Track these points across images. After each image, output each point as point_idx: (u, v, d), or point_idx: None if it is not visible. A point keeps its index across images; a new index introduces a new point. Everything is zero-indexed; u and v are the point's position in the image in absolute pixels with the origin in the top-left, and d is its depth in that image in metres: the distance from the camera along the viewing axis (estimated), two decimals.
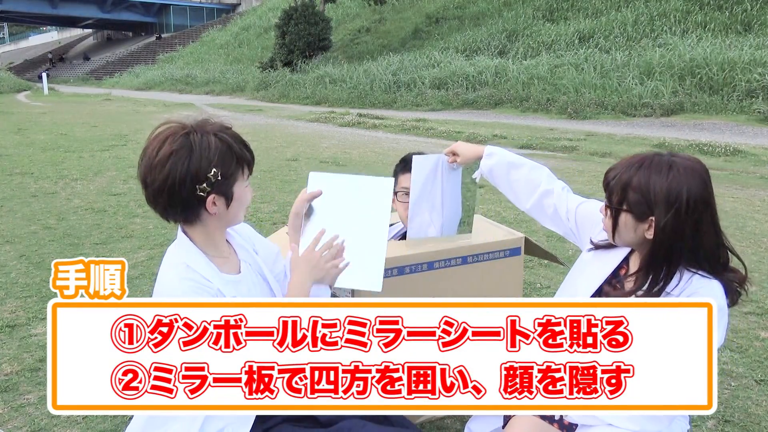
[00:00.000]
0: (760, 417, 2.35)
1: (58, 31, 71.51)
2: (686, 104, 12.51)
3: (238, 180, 1.46)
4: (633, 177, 1.44)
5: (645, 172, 1.43)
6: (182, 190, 1.39)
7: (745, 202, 5.89)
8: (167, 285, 1.44)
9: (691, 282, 1.46)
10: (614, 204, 1.47)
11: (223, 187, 1.43)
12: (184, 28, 51.82)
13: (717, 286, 1.46)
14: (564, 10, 20.32)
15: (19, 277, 3.92)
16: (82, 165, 8.27)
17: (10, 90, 30.37)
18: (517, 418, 1.65)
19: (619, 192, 1.46)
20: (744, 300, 3.51)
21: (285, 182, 7.08)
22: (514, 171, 1.94)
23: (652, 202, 1.42)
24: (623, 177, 1.46)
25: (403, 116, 14.57)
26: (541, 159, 8.73)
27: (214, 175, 1.39)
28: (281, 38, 24.92)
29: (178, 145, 1.39)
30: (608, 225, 1.51)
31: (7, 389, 2.56)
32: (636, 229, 1.47)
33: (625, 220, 1.47)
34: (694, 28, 15.87)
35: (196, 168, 1.39)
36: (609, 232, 1.53)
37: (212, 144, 1.41)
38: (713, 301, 1.43)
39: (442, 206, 2.18)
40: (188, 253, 1.48)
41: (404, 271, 2.13)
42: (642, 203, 1.43)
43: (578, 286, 1.66)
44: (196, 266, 1.45)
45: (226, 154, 1.42)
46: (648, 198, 1.42)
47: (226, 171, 1.42)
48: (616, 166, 1.51)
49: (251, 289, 1.57)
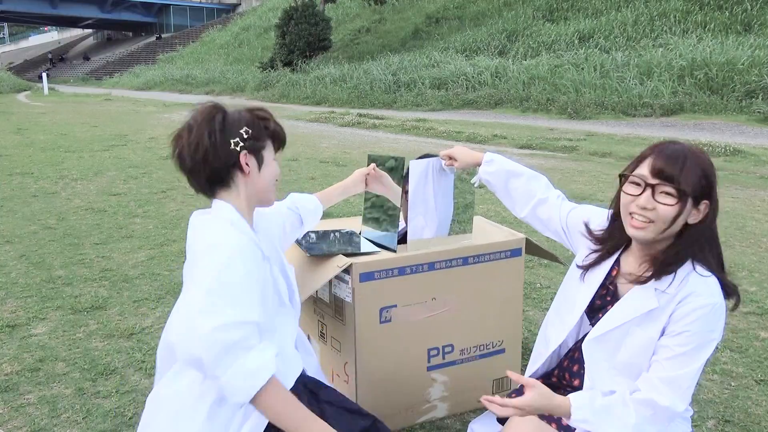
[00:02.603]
0: (760, 417, 2.35)
1: (58, 31, 71.51)
2: (686, 104, 12.51)
3: (266, 147, 1.57)
4: (700, 162, 1.44)
5: (698, 156, 1.45)
6: (218, 149, 1.49)
7: (745, 202, 5.89)
8: (221, 234, 1.47)
9: (688, 281, 1.46)
10: (690, 191, 1.43)
11: (254, 146, 1.53)
12: (184, 28, 51.84)
13: (714, 283, 1.46)
14: (564, 10, 20.32)
15: (19, 277, 3.92)
16: (82, 165, 8.27)
17: (10, 90, 30.38)
18: (515, 417, 1.65)
19: (695, 179, 1.43)
20: (744, 300, 3.52)
21: (285, 182, 7.07)
22: (513, 179, 1.94)
23: (711, 186, 1.45)
24: (697, 164, 1.44)
25: (403, 116, 14.57)
26: (541, 159, 8.76)
27: (246, 131, 1.51)
28: (281, 38, 24.92)
29: (211, 114, 1.51)
30: (670, 213, 1.43)
31: (7, 389, 2.56)
32: (689, 216, 1.46)
33: (689, 208, 1.45)
34: (694, 28, 15.88)
35: (230, 127, 1.51)
36: (666, 222, 1.45)
37: (242, 114, 1.55)
38: (712, 299, 1.44)
39: (435, 208, 2.19)
40: (231, 212, 1.53)
41: (405, 271, 2.14)
42: (706, 187, 1.44)
43: (576, 300, 1.67)
44: (239, 225, 1.51)
45: (254, 121, 1.55)
46: (711, 182, 1.45)
47: (257, 133, 1.54)
48: (660, 151, 1.47)
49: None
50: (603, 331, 1.56)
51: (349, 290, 2.08)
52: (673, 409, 1.44)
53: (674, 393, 1.44)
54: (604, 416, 1.44)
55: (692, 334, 1.43)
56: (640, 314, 1.50)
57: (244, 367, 1.34)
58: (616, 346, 1.54)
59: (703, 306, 1.43)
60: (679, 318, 1.45)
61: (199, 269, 1.41)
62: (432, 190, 2.16)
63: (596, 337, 1.57)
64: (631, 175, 1.49)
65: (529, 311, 3.31)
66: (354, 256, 2.09)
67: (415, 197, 2.13)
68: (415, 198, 2.14)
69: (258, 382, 1.34)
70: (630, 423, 1.44)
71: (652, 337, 1.49)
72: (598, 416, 1.44)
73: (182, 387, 1.49)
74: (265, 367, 1.36)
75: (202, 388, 1.45)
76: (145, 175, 7.47)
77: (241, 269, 1.40)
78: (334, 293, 2.19)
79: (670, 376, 1.44)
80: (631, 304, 1.53)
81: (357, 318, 2.09)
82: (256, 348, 1.37)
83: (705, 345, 1.44)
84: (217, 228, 1.49)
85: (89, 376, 2.67)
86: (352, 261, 2.04)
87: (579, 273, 1.68)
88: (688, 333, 1.43)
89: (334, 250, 2.13)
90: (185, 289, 1.47)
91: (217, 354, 1.33)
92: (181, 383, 1.49)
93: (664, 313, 1.47)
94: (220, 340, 1.33)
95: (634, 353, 1.51)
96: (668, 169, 1.43)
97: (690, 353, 1.43)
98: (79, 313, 3.36)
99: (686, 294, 1.45)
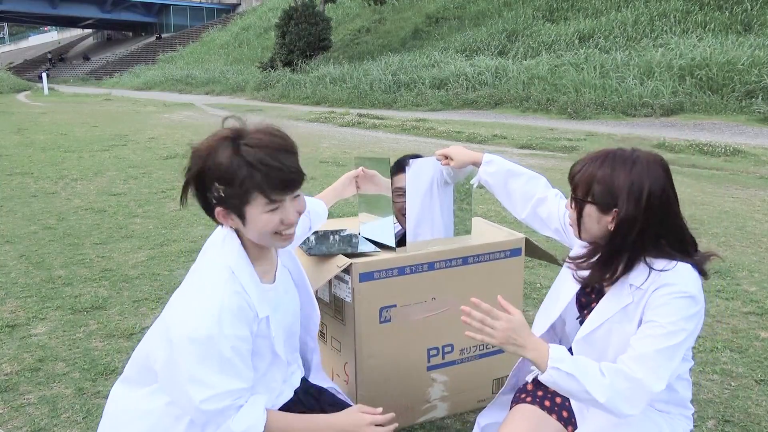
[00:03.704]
0: (760, 417, 2.35)
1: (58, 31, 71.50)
2: (686, 104, 12.51)
3: (251, 203, 1.34)
4: (598, 170, 1.49)
5: (609, 165, 1.48)
6: (198, 192, 1.38)
7: (745, 202, 5.89)
8: (212, 288, 1.37)
9: (660, 275, 1.47)
10: (579, 197, 1.52)
11: (230, 204, 1.36)
12: (184, 28, 51.82)
13: (685, 269, 1.47)
14: (564, 10, 20.32)
15: (19, 277, 3.92)
16: (82, 165, 8.27)
17: (10, 90, 30.37)
18: (518, 407, 1.66)
19: (584, 185, 1.51)
20: (744, 300, 3.52)
21: None
22: (512, 180, 1.95)
23: (616, 194, 1.46)
24: (589, 170, 1.51)
25: (403, 116, 14.56)
26: (541, 159, 8.76)
27: (216, 190, 1.34)
28: (281, 38, 24.92)
29: (209, 149, 1.34)
30: (574, 218, 1.55)
31: (7, 389, 2.56)
32: (599, 221, 1.50)
33: (590, 212, 1.51)
34: (694, 28, 15.87)
35: (210, 173, 1.34)
36: (574, 225, 1.57)
37: (225, 160, 1.32)
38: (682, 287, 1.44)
39: (441, 216, 2.19)
40: (235, 255, 1.42)
41: (405, 271, 2.14)
42: (606, 195, 1.47)
43: (561, 293, 1.73)
44: (239, 274, 1.41)
45: (236, 173, 1.31)
46: (612, 190, 1.47)
47: (232, 192, 1.33)
48: (582, 160, 1.56)
49: (278, 301, 1.55)
50: (589, 330, 1.57)
51: (349, 290, 2.08)
52: (647, 384, 1.39)
53: (645, 367, 1.39)
54: (579, 364, 1.40)
55: (659, 323, 1.43)
56: (617, 311, 1.52)
57: (232, 430, 1.37)
58: (604, 344, 1.55)
59: (671, 294, 1.44)
60: (650, 308, 1.46)
61: (187, 324, 1.34)
62: (433, 193, 2.16)
63: (584, 337, 1.59)
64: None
65: (529, 311, 3.31)
66: (354, 256, 2.09)
67: (413, 200, 2.12)
68: (414, 201, 2.12)
69: None
70: (603, 383, 1.39)
71: (630, 332, 1.49)
72: (575, 363, 1.40)
73: (159, 406, 1.45)
74: (254, 427, 1.38)
75: (179, 412, 1.43)
76: (145, 175, 7.47)
77: (231, 336, 1.35)
78: (334, 293, 2.19)
79: (639, 353, 1.41)
80: (610, 301, 1.55)
81: (357, 318, 2.09)
82: (245, 407, 1.39)
83: (675, 333, 1.41)
84: (215, 276, 1.39)
85: (89, 376, 2.67)
86: (351, 261, 2.05)
87: (568, 267, 1.70)
88: (655, 322, 1.43)
89: (334, 251, 2.13)
90: (171, 305, 1.45)
91: (206, 420, 1.37)
92: (158, 402, 1.45)
93: (638, 308, 1.49)
94: (210, 411, 1.35)
95: (620, 351, 1.51)
96: (571, 173, 1.55)
97: (658, 337, 1.42)
98: (79, 313, 3.36)
99: (657, 286, 1.46)
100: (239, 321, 1.37)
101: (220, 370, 1.34)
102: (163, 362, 1.39)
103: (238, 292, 1.38)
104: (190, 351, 1.32)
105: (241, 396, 1.38)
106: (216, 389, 1.33)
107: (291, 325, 1.62)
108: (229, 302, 1.35)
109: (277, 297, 1.54)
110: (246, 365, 1.39)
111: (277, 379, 1.55)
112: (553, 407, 1.64)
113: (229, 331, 1.34)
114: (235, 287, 1.38)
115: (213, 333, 1.32)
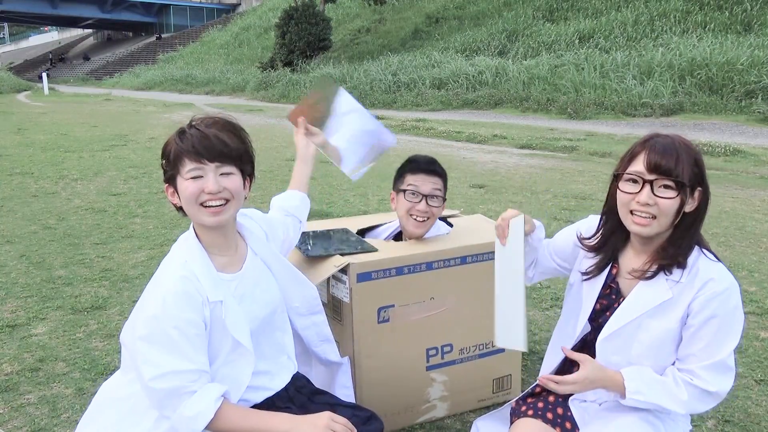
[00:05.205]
0: (760, 417, 2.35)
1: (58, 31, 71.54)
2: (686, 104, 12.51)
3: (180, 171, 1.47)
4: (690, 151, 1.47)
5: (687, 146, 1.48)
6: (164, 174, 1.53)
7: (745, 202, 5.89)
8: (163, 276, 1.51)
9: (699, 269, 1.47)
10: (687, 181, 1.45)
11: (170, 177, 1.50)
12: (184, 28, 51.85)
13: (722, 265, 1.50)
14: (564, 10, 20.32)
15: (19, 277, 3.92)
16: (82, 165, 8.27)
17: (10, 90, 30.38)
18: (521, 422, 1.65)
19: (688, 168, 1.45)
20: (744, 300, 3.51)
21: (285, 182, 7.04)
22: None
23: (702, 173, 1.48)
24: (688, 153, 1.46)
25: (403, 116, 14.56)
26: (541, 159, 8.76)
27: (163, 165, 1.51)
28: (281, 38, 24.93)
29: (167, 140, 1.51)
30: (672, 206, 1.45)
31: (7, 389, 2.56)
32: (679, 206, 1.47)
33: (678, 199, 1.46)
34: (694, 28, 15.88)
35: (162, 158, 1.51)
36: (669, 215, 1.46)
37: (170, 141, 1.49)
38: (728, 281, 1.47)
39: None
40: (189, 248, 1.53)
41: (403, 271, 2.14)
42: (698, 174, 1.48)
43: (583, 305, 1.66)
44: (192, 262, 1.51)
45: (172, 146, 1.48)
46: (701, 168, 1.48)
47: (168, 164, 1.49)
48: (653, 148, 1.46)
49: (245, 291, 1.58)
50: (615, 328, 1.56)
51: (347, 290, 2.08)
52: (723, 392, 1.47)
53: (719, 377, 1.47)
54: (656, 388, 1.48)
55: (720, 319, 1.45)
56: (652, 307, 1.51)
57: (183, 415, 1.42)
58: (628, 340, 1.55)
59: (723, 290, 1.45)
60: (702, 306, 1.46)
61: (140, 308, 1.49)
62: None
63: (608, 336, 1.57)
64: (626, 173, 1.49)
65: (529, 311, 3.31)
66: (351, 255, 2.09)
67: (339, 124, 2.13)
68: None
69: (198, 425, 1.42)
70: (682, 399, 1.47)
71: (670, 327, 1.50)
72: (651, 388, 1.48)
73: (134, 392, 1.52)
74: (203, 414, 1.42)
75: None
76: (145, 175, 7.47)
77: (175, 317, 1.43)
78: (332, 293, 2.19)
79: (711, 363, 1.46)
80: (641, 298, 1.53)
81: (355, 318, 2.09)
82: (196, 394, 1.43)
83: (734, 325, 1.47)
84: (168, 265, 1.52)
85: (89, 376, 2.67)
86: (349, 261, 2.05)
87: (581, 278, 1.68)
88: (716, 318, 1.46)
89: (332, 251, 2.13)
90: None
91: (159, 400, 1.43)
92: (133, 389, 1.53)
93: (680, 303, 1.49)
94: (158, 389, 1.41)
95: (650, 345, 1.52)
96: (665, 163, 1.44)
97: (722, 337, 1.46)
98: (79, 313, 3.36)
99: (703, 281, 1.47)
100: (185, 303, 1.44)
101: (167, 350, 1.42)
102: (128, 347, 1.52)
103: (185, 276, 1.47)
104: (141, 333, 1.43)
105: (193, 380, 1.43)
106: (162, 368, 1.40)
107: (265, 317, 1.63)
108: (173, 286, 1.45)
109: (243, 286, 1.58)
110: (195, 348, 1.44)
111: (245, 372, 1.57)
112: (555, 419, 1.63)
113: (173, 311, 1.42)
114: (184, 273, 1.48)
115: (157, 313, 1.42)
